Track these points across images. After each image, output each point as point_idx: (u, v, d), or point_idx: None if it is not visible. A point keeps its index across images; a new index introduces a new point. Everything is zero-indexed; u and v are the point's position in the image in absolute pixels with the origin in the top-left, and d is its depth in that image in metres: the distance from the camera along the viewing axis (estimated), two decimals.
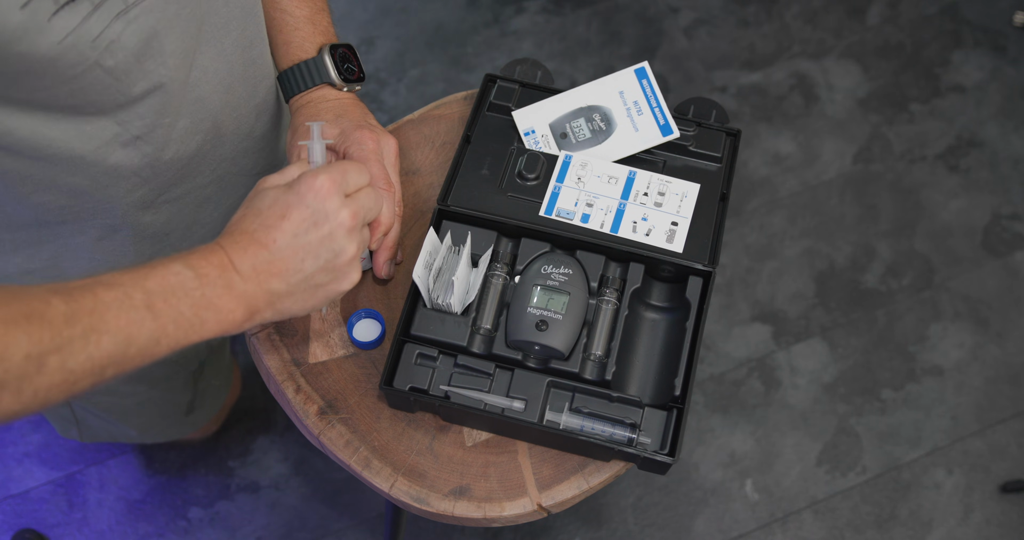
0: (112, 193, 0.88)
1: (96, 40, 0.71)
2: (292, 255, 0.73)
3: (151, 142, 0.85)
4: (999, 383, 1.80)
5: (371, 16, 2.14)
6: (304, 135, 0.93)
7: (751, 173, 1.98)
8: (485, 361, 0.94)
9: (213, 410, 1.53)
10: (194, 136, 0.90)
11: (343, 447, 0.94)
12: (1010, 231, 1.94)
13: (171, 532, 1.67)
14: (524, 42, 2.11)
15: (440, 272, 0.94)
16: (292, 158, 0.93)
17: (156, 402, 1.33)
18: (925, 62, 2.11)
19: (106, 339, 0.63)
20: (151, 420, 1.40)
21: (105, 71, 0.74)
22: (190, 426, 1.50)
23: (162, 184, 0.92)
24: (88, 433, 1.43)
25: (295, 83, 0.96)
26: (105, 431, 1.43)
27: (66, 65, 0.71)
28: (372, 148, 0.89)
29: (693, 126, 1.04)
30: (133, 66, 0.76)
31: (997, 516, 1.70)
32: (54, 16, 0.67)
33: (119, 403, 1.30)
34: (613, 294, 0.96)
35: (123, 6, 0.72)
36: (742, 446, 1.74)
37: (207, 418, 1.52)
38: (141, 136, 0.84)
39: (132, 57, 0.76)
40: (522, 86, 1.06)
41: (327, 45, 0.97)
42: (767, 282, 1.88)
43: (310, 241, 0.74)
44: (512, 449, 0.95)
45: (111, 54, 0.73)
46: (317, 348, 0.99)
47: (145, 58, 0.77)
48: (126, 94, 0.78)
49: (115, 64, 0.74)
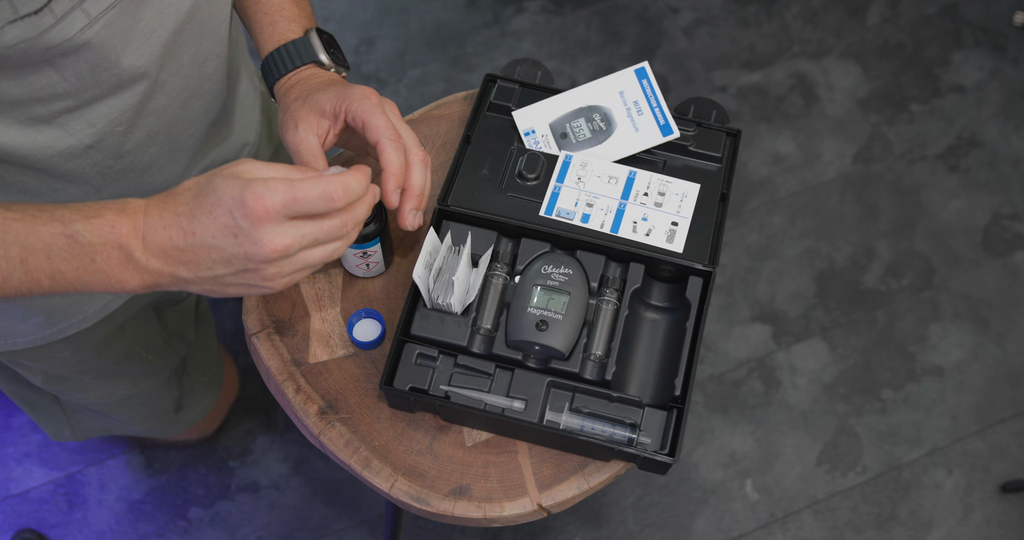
0: (61, 198, 0.89)
1: (53, 48, 0.72)
2: (205, 255, 0.70)
3: (103, 151, 0.86)
4: (999, 383, 1.80)
5: (371, 16, 2.14)
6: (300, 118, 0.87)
7: (751, 173, 1.98)
8: (485, 361, 0.94)
9: (205, 408, 1.52)
10: (149, 148, 0.90)
11: (343, 447, 0.94)
12: (1010, 231, 1.94)
13: (171, 532, 1.67)
14: (524, 42, 2.11)
15: (440, 272, 0.94)
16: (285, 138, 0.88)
17: (140, 399, 1.32)
18: (925, 62, 2.11)
19: None
20: (139, 416, 1.40)
21: (55, 70, 0.75)
22: (183, 424, 1.49)
23: (114, 193, 0.92)
24: (80, 430, 1.42)
25: (282, 63, 0.92)
26: (99, 425, 1.43)
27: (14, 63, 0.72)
28: (375, 101, 0.84)
29: (693, 126, 1.04)
30: (87, 74, 0.77)
31: (997, 516, 1.70)
32: (10, 25, 0.68)
33: (102, 400, 1.29)
34: (613, 294, 0.96)
35: (87, 20, 0.73)
36: (742, 446, 1.74)
37: (199, 416, 1.52)
38: (93, 145, 0.84)
39: (86, 65, 0.76)
40: (522, 86, 1.06)
41: (313, 27, 0.95)
42: (767, 282, 1.88)
43: (224, 249, 0.69)
44: (512, 449, 0.95)
45: (65, 59, 0.74)
46: (317, 348, 0.99)
47: (100, 68, 0.77)
48: (77, 98, 0.79)
49: (68, 66, 0.75)
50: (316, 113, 0.85)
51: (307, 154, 0.84)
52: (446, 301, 0.93)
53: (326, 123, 0.85)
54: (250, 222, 0.68)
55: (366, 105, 0.83)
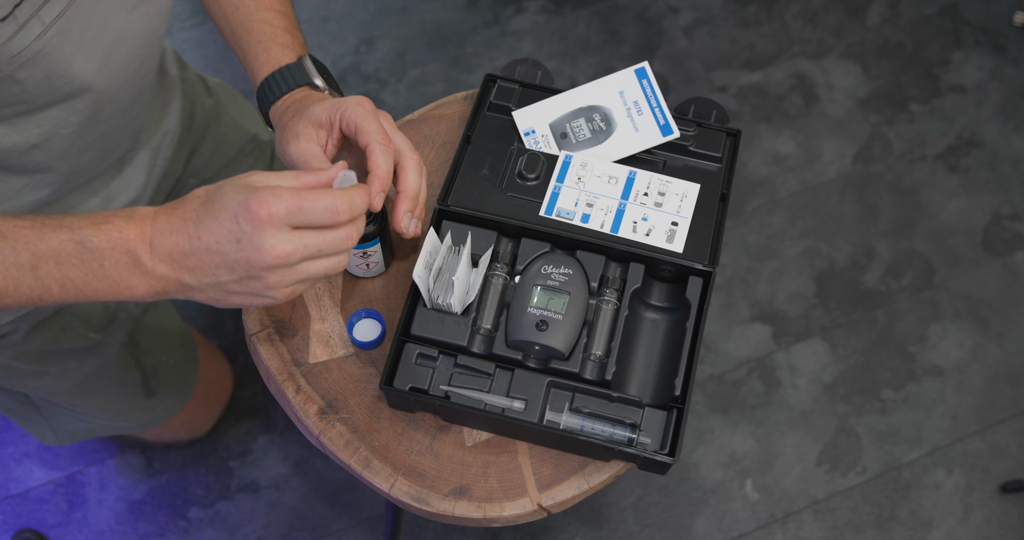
0: (3, 190, 0.93)
1: (15, 56, 0.76)
2: (209, 260, 0.72)
3: (48, 151, 0.89)
4: (999, 383, 1.80)
5: (371, 16, 2.14)
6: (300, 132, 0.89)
7: (751, 173, 1.98)
8: (485, 361, 0.94)
9: (183, 394, 1.47)
10: (87, 152, 0.95)
11: (343, 447, 0.94)
12: (1010, 231, 1.94)
13: (171, 532, 1.67)
14: (524, 42, 2.11)
15: (440, 272, 0.94)
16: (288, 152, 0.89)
17: (100, 382, 1.29)
18: (925, 62, 2.11)
19: None
20: (108, 404, 1.35)
21: (15, 82, 0.79)
22: (162, 412, 1.44)
23: (54, 194, 0.96)
24: (63, 433, 1.39)
25: (277, 87, 0.94)
26: (80, 427, 1.39)
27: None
28: (368, 108, 0.85)
29: (693, 126, 1.04)
30: (42, 82, 0.81)
31: (997, 516, 1.70)
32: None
33: (62, 387, 1.26)
34: (613, 294, 0.96)
35: (42, 27, 0.76)
36: (742, 446, 1.74)
37: (179, 403, 1.47)
38: (39, 145, 0.88)
39: (43, 73, 0.80)
40: (522, 86, 1.06)
41: (306, 54, 0.97)
42: (767, 282, 1.88)
43: (227, 255, 0.71)
44: (512, 449, 0.95)
45: (24, 69, 0.78)
46: (317, 348, 0.99)
47: (55, 76, 0.81)
48: (29, 104, 0.83)
49: (26, 77, 0.79)
50: (313, 124, 0.86)
51: (315, 162, 0.85)
52: (446, 301, 0.93)
53: (323, 133, 0.86)
54: (253, 227, 0.70)
55: (359, 111, 0.84)
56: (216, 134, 1.28)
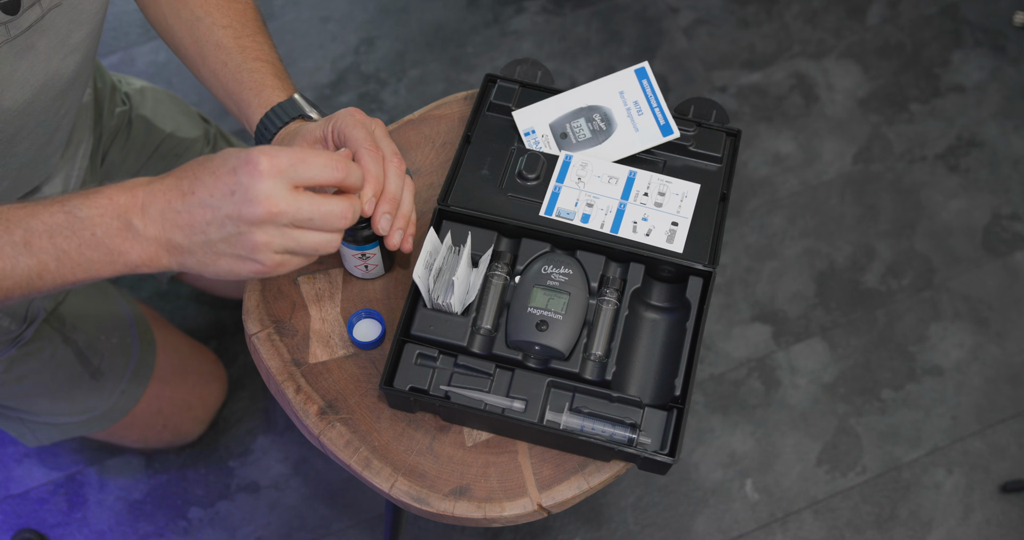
0: None
1: None
2: (200, 215, 0.72)
3: None
4: (999, 383, 1.80)
5: (371, 16, 2.14)
6: None
7: (751, 173, 1.98)
8: (485, 361, 0.94)
9: (140, 379, 1.41)
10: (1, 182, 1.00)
11: (343, 447, 0.94)
12: (1010, 231, 1.94)
13: (171, 532, 1.67)
14: (524, 42, 2.11)
15: (440, 272, 0.94)
16: None
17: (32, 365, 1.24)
18: (925, 62, 2.11)
19: None
20: (56, 392, 1.31)
21: None
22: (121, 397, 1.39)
23: None
24: (42, 434, 1.37)
25: (272, 124, 0.96)
26: (56, 428, 1.37)
27: None
28: (360, 118, 0.88)
29: (693, 126, 1.04)
30: None
31: (997, 516, 1.70)
32: None
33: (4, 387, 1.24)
34: (613, 294, 0.96)
35: None
36: (742, 446, 1.74)
37: (137, 388, 1.41)
38: None
39: None
40: (522, 86, 1.06)
41: (296, 93, 0.99)
42: (767, 282, 1.88)
43: (219, 208, 0.72)
44: (512, 449, 0.95)
45: None
46: (317, 348, 0.99)
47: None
48: None
49: None
50: (309, 142, 0.89)
51: None
52: (446, 301, 0.93)
53: (320, 148, 0.89)
54: (251, 178, 0.71)
55: (348, 120, 0.86)
56: (122, 140, 1.32)
